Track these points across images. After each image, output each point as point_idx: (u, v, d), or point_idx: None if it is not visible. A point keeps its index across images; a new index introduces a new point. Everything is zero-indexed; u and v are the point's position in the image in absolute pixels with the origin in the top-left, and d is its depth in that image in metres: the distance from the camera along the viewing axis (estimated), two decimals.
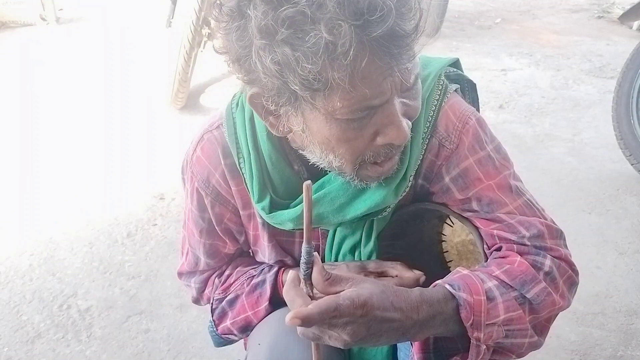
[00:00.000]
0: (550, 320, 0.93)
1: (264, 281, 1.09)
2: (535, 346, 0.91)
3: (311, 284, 0.77)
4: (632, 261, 2.30)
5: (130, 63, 4.27)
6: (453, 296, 0.82)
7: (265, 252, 1.09)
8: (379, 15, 0.67)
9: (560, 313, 2.06)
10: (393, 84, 0.74)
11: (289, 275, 0.78)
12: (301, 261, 0.76)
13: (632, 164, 2.81)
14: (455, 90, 0.99)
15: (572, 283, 0.96)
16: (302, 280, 0.78)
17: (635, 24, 5.01)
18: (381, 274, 0.99)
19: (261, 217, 1.02)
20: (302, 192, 0.92)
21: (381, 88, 0.73)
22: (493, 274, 0.87)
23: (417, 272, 0.98)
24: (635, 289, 2.16)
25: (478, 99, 1.11)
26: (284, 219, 0.96)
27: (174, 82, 3.43)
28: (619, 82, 2.89)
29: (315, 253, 0.76)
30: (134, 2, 5.55)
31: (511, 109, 3.65)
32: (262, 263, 1.14)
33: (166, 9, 3.71)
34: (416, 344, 0.89)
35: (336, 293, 0.75)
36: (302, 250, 0.75)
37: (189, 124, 3.45)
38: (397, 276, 0.98)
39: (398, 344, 1.08)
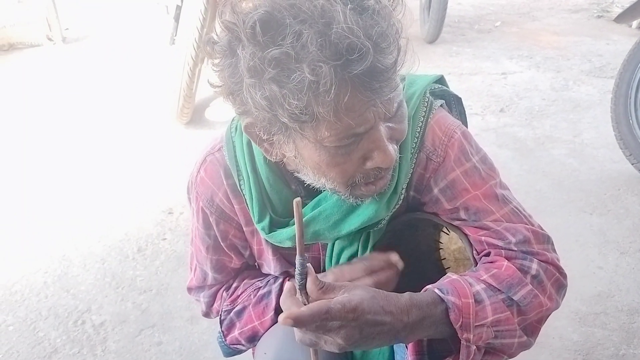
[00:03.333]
0: (540, 321, 0.97)
1: (269, 292, 1.14)
2: (525, 346, 0.95)
3: (307, 294, 0.83)
4: (633, 260, 2.33)
5: (136, 80, 4.36)
6: (442, 299, 0.87)
7: (270, 264, 1.15)
8: (358, 55, 0.72)
9: (563, 314, 2.11)
10: (376, 113, 0.79)
11: (286, 286, 0.84)
12: (296, 272, 0.82)
13: (632, 164, 2.83)
14: (441, 106, 1.05)
15: (559, 286, 1.00)
16: (297, 290, 0.83)
17: (635, 23, 5.03)
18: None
19: None
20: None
21: (364, 117, 0.78)
22: (481, 278, 0.92)
23: (390, 254, 1.03)
24: (637, 287, 2.19)
25: (465, 112, 1.16)
26: (283, 237, 1.02)
27: (179, 98, 3.50)
28: (616, 82, 2.92)
29: (309, 264, 0.82)
30: (138, 20, 5.65)
31: (512, 112, 3.69)
32: (267, 275, 1.19)
33: (169, 26, 3.79)
34: (410, 347, 0.94)
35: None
36: (296, 263, 0.81)
37: (195, 138, 3.53)
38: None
39: (395, 347, 1.13)
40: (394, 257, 1.02)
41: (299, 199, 0.78)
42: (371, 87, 0.75)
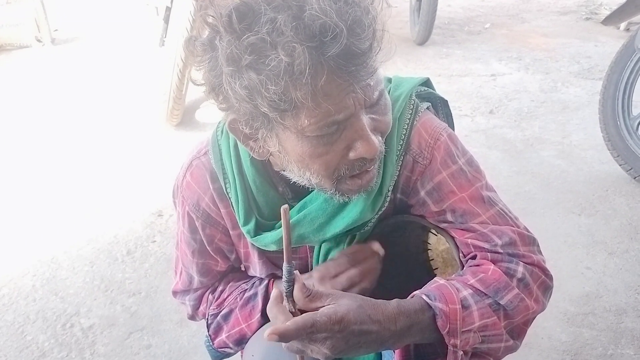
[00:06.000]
0: (527, 324, 0.98)
1: (255, 294, 1.14)
2: (512, 349, 0.95)
3: (293, 301, 0.82)
4: (621, 261, 2.35)
5: (125, 82, 4.34)
6: (429, 306, 0.87)
7: (256, 267, 1.14)
8: (332, 36, 0.72)
9: (551, 314, 2.11)
10: (356, 100, 0.79)
11: (272, 293, 0.83)
12: (283, 280, 0.81)
13: (620, 165, 2.86)
14: (427, 108, 1.05)
15: (546, 288, 1.00)
16: (284, 297, 0.83)
17: (622, 25, 5.07)
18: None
19: None
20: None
21: (344, 103, 0.78)
22: (468, 283, 0.93)
23: (371, 242, 1.04)
24: (625, 288, 2.21)
25: (451, 114, 1.16)
26: (268, 241, 1.01)
27: (169, 100, 3.49)
28: (604, 84, 2.94)
29: (296, 271, 0.81)
30: (128, 22, 5.63)
31: (501, 114, 3.70)
32: (253, 277, 1.19)
33: (159, 28, 3.78)
34: (397, 351, 0.95)
35: (317, 308, 0.80)
36: (283, 270, 0.81)
37: (185, 140, 3.52)
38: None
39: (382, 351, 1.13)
40: (376, 245, 1.03)
41: (286, 205, 0.78)
42: (347, 70, 0.75)
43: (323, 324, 0.77)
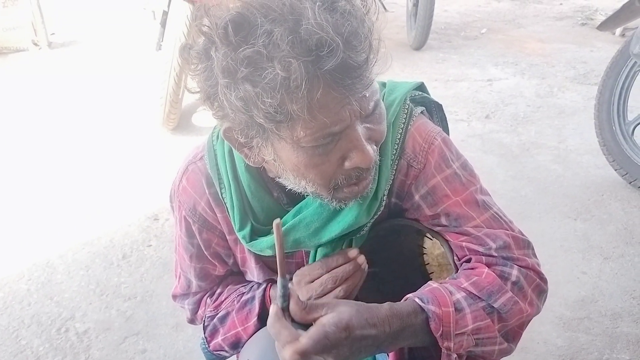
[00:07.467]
0: (522, 327, 0.98)
1: (253, 298, 1.14)
2: (506, 352, 0.96)
3: (290, 315, 0.82)
4: (617, 265, 2.35)
5: (122, 86, 4.34)
6: (422, 309, 0.87)
7: (253, 272, 1.14)
8: (328, 50, 0.72)
9: (547, 319, 2.11)
10: (352, 112, 0.79)
11: (272, 309, 0.82)
12: (278, 294, 0.81)
13: (615, 170, 2.87)
14: (422, 112, 1.05)
15: (540, 291, 1.00)
16: (281, 311, 0.83)
17: (618, 30, 5.09)
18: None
19: None
20: (282, 218, 0.98)
21: (340, 116, 0.78)
22: (461, 286, 0.93)
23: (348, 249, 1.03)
24: (620, 292, 2.21)
25: (446, 118, 1.17)
26: (263, 246, 1.01)
27: (166, 104, 3.48)
28: (599, 89, 2.96)
29: (291, 284, 0.82)
30: (125, 26, 5.63)
31: (497, 119, 3.71)
32: (251, 281, 1.19)
33: (156, 32, 3.77)
34: (391, 355, 0.95)
35: (314, 319, 0.81)
36: (278, 284, 0.81)
37: (181, 144, 3.51)
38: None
39: (376, 355, 1.13)
40: (351, 252, 1.02)
41: (278, 220, 0.78)
42: (343, 83, 0.75)
43: (333, 333, 0.78)
